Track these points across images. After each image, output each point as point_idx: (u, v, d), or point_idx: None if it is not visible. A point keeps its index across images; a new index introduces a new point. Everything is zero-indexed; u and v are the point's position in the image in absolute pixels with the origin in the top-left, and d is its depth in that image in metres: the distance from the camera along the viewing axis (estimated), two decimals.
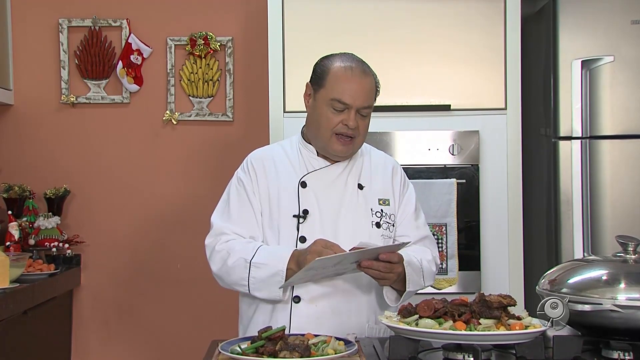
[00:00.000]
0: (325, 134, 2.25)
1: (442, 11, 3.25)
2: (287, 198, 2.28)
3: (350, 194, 2.30)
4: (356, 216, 2.28)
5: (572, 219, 3.15)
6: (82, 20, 3.78)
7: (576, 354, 1.75)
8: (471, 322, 1.74)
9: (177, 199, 3.80)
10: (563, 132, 3.21)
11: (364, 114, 2.25)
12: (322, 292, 2.21)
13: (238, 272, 2.20)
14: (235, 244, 2.24)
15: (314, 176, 2.31)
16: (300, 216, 2.26)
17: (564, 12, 3.20)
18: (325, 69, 2.27)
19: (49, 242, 3.56)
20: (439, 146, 3.21)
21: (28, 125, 3.78)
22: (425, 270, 2.27)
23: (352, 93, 2.22)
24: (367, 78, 2.26)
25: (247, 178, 2.33)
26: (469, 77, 3.25)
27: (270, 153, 2.39)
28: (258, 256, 2.19)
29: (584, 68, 3.16)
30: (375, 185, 2.34)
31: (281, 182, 2.30)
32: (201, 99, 3.79)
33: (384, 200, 2.34)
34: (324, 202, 2.27)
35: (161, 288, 3.79)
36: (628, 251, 1.87)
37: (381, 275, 2.11)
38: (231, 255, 2.22)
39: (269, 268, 2.16)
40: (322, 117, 2.25)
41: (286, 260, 2.15)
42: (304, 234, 2.24)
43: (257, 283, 2.18)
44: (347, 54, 2.32)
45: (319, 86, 2.27)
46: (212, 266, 2.28)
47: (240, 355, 1.76)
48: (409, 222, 2.37)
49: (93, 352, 3.78)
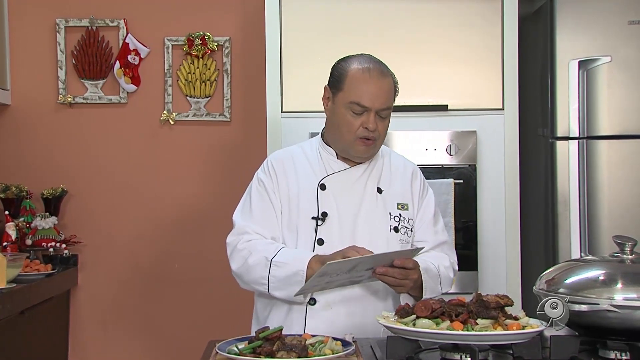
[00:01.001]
0: (346, 137, 2.25)
1: (439, 11, 3.25)
2: (306, 200, 2.28)
3: (369, 197, 2.30)
4: (374, 220, 2.28)
5: (569, 219, 3.16)
6: (79, 20, 3.78)
7: (573, 354, 1.75)
8: (468, 322, 1.74)
9: (175, 199, 3.80)
10: (560, 132, 3.21)
11: (383, 115, 2.24)
12: (338, 295, 2.21)
13: (258, 270, 2.20)
14: (257, 244, 2.25)
15: (333, 179, 2.31)
16: (319, 218, 2.25)
17: (562, 12, 3.21)
18: (343, 72, 2.26)
19: (46, 242, 3.55)
20: (436, 146, 3.22)
21: (25, 125, 3.78)
22: (443, 277, 2.27)
23: (371, 95, 2.21)
24: (386, 79, 2.25)
25: (268, 179, 2.33)
26: (466, 77, 3.26)
27: (290, 154, 2.39)
28: (280, 255, 2.19)
29: (582, 68, 3.17)
30: (395, 189, 2.34)
31: (300, 183, 2.30)
32: (199, 99, 3.79)
33: (403, 205, 2.33)
34: (343, 205, 2.27)
35: (158, 288, 3.79)
36: (625, 251, 1.87)
37: (397, 282, 2.10)
38: (253, 254, 2.22)
39: (289, 267, 2.15)
40: (342, 120, 2.24)
41: (307, 260, 2.14)
42: (321, 236, 2.24)
43: (276, 282, 2.17)
44: (365, 55, 2.30)
45: (337, 89, 2.26)
46: (232, 264, 2.28)
47: (238, 355, 1.75)
48: (427, 227, 2.36)
49: (90, 353, 3.78)
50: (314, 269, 2.11)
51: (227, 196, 3.78)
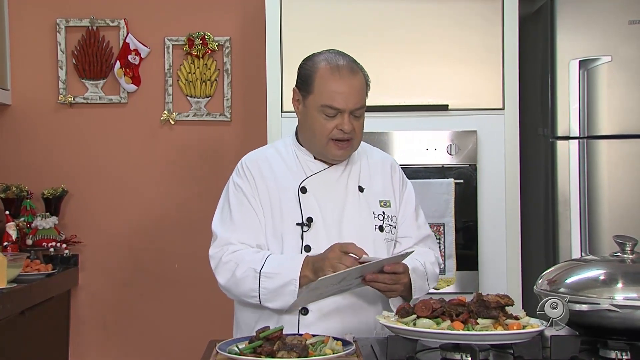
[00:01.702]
0: (321, 140, 2.17)
1: (439, 11, 3.25)
2: (288, 204, 2.19)
3: (351, 197, 2.23)
4: (359, 221, 2.21)
5: (569, 218, 3.16)
6: (79, 20, 3.78)
7: (574, 354, 1.75)
8: (469, 322, 1.74)
9: (175, 199, 3.80)
10: (561, 132, 3.21)
11: (357, 114, 2.16)
12: (331, 304, 2.14)
13: (248, 283, 2.12)
14: (243, 254, 2.15)
15: (313, 180, 2.22)
16: (305, 224, 2.17)
17: (562, 12, 3.21)
18: (311, 72, 2.16)
19: (47, 242, 3.55)
20: (436, 146, 3.22)
21: (25, 125, 3.78)
22: (429, 274, 2.23)
23: (344, 96, 2.12)
24: (357, 76, 2.15)
25: (245, 183, 2.23)
26: (466, 77, 3.25)
27: (264, 156, 2.29)
28: (268, 265, 2.10)
29: (582, 68, 3.17)
30: (376, 187, 2.27)
31: (280, 187, 2.21)
32: (199, 99, 3.79)
33: (385, 202, 2.27)
34: (326, 208, 2.20)
35: (159, 288, 3.79)
36: (625, 251, 1.87)
37: (387, 288, 2.06)
38: (240, 266, 2.13)
39: (280, 277, 2.08)
40: (316, 124, 2.16)
41: (299, 268, 2.07)
42: (308, 242, 2.17)
43: (268, 294, 2.10)
44: (331, 52, 2.20)
45: (306, 92, 2.17)
46: (218, 278, 2.18)
47: (238, 355, 1.75)
48: (410, 222, 2.31)
49: (90, 352, 3.78)
50: (307, 275, 2.06)
51: None
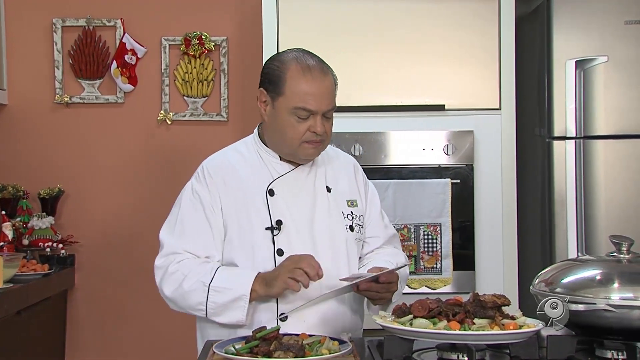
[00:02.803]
0: (292, 143, 2.10)
1: (436, 11, 3.25)
2: (255, 209, 2.12)
3: (320, 198, 2.18)
4: (330, 221, 2.17)
5: (566, 218, 3.16)
6: (76, 20, 3.77)
7: (570, 354, 1.75)
8: (465, 322, 1.74)
9: (172, 199, 3.77)
10: (557, 132, 3.22)
11: (328, 116, 2.10)
12: (309, 308, 2.09)
13: (195, 296, 2.06)
14: (191, 265, 2.08)
15: (280, 182, 2.16)
16: (274, 228, 2.10)
17: (558, 12, 3.21)
18: (281, 74, 2.09)
19: (43, 242, 3.55)
20: (433, 146, 3.22)
21: (22, 125, 3.77)
22: (402, 276, 2.20)
23: (316, 98, 2.06)
24: (327, 77, 2.10)
25: (204, 190, 2.15)
26: (463, 77, 3.26)
27: (227, 160, 2.21)
28: (217, 279, 2.04)
29: (578, 68, 3.17)
30: (342, 187, 2.24)
31: (246, 193, 2.14)
32: (196, 99, 3.79)
33: (352, 202, 2.23)
34: (296, 210, 2.14)
35: (155, 288, 3.74)
36: (622, 251, 1.88)
37: (379, 296, 2.06)
38: (187, 278, 2.06)
39: (230, 292, 2.03)
40: (287, 126, 2.09)
41: (249, 283, 2.02)
42: (280, 246, 2.10)
43: (216, 308, 2.04)
44: (299, 51, 2.14)
45: (276, 93, 2.10)
46: (164, 289, 2.11)
47: (235, 355, 1.75)
48: (376, 222, 2.29)
49: (87, 353, 3.77)
50: (257, 291, 2.02)
51: None
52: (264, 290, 2.02)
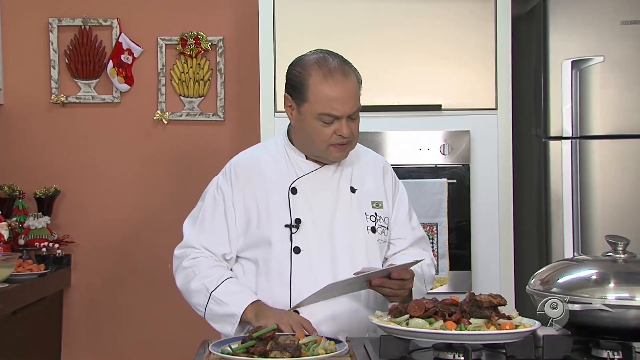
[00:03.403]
0: (320, 146, 2.13)
1: (433, 11, 3.25)
2: (276, 207, 2.15)
3: (343, 198, 2.20)
4: (351, 222, 2.18)
5: (562, 218, 3.16)
6: (72, 19, 3.77)
7: (566, 354, 1.76)
8: (461, 322, 1.74)
9: (168, 199, 3.79)
10: (553, 132, 3.22)
11: (354, 117, 2.12)
12: (322, 306, 2.12)
13: (197, 298, 2.15)
14: (202, 265, 2.16)
15: (304, 181, 2.18)
16: (293, 226, 2.14)
17: (555, 12, 3.21)
18: (303, 80, 2.11)
19: (39, 242, 3.54)
20: (429, 146, 3.22)
21: (18, 125, 3.77)
22: (426, 276, 2.23)
23: (340, 102, 2.08)
24: (350, 78, 2.11)
25: (228, 188, 2.20)
26: (459, 77, 3.26)
27: (255, 158, 2.25)
28: (220, 290, 2.11)
29: (574, 68, 3.17)
30: (367, 187, 2.25)
31: (269, 189, 2.18)
32: (192, 99, 3.78)
33: (377, 203, 2.24)
34: (317, 209, 2.17)
35: (152, 288, 3.78)
36: (617, 251, 1.88)
37: (393, 293, 2.06)
38: (196, 278, 2.15)
39: (226, 307, 2.09)
40: (313, 131, 2.11)
41: (244, 305, 2.07)
42: (297, 244, 2.14)
43: (212, 315, 2.13)
44: (320, 53, 2.15)
45: (300, 100, 2.12)
46: (176, 280, 2.21)
47: (231, 355, 1.75)
48: (403, 223, 2.29)
49: (83, 353, 3.77)
50: (247, 315, 2.06)
51: None
52: (252, 318, 2.06)
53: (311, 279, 2.11)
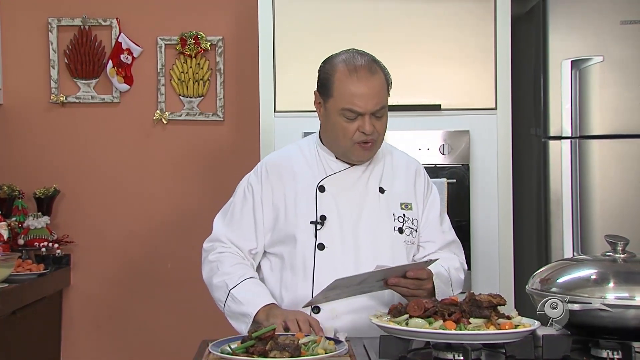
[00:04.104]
0: (344, 143, 2.16)
1: (432, 11, 3.25)
2: (303, 203, 2.19)
3: (371, 198, 2.21)
4: (377, 222, 2.20)
5: (561, 218, 3.16)
6: (71, 19, 3.77)
7: (565, 353, 1.76)
8: (461, 322, 1.75)
9: (167, 199, 3.79)
10: (553, 132, 3.22)
11: (379, 115, 2.13)
12: (343, 303, 2.14)
13: (218, 293, 2.21)
14: (226, 261, 2.21)
15: (332, 180, 2.22)
16: (318, 222, 2.17)
17: (554, 12, 3.21)
18: (329, 76, 2.15)
19: (39, 242, 3.54)
20: (429, 146, 3.22)
21: (17, 125, 3.77)
22: (454, 280, 2.22)
23: (362, 99, 2.10)
24: (375, 76, 2.13)
25: (258, 185, 2.25)
26: (459, 77, 3.26)
27: (287, 157, 2.29)
28: (239, 289, 2.15)
29: (574, 68, 3.17)
30: (397, 189, 2.26)
31: (298, 187, 2.21)
32: (191, 99, 3.78)
33: (407, 205, 2.25)
34: (344, 207, 2.19)
35: (151, 288, 3.78)
36: (617, 250, 1.88)
37: (409, 293, 2.05)
38: (218, 274, 2.20)
39: (241, 307, 2.13)
40: (337, 127, 2.15)
41: (258, 307, 2.10)
42: (322, 241, 2.17)
43: (230, 312, 2.18)
44: (350, 52, 2.19)
45: (326, 95, 2.16)
46: (202, 271, 2.28)
47: (231, 355, 1.75)
48: (433, 227, 2.29)
49: (83, 353, 3.77)
50: (260, 317, 2.09)
51: (219, 195, 3.75)
52: (264, 319, 2.09)
53: (334, 275, 2.11)
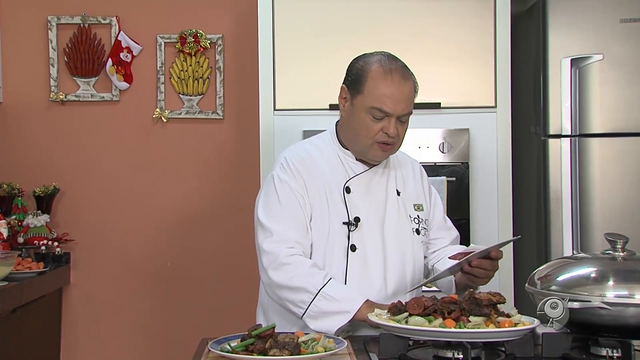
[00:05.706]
0: (365, 141, 2.17)
1: (432, 9, 3.25)
2: (334, 203, 2.19)
3: (391, 200, 2.26)
4: (399, 224, 2.24)
5: (561, 216, 3.17)
6: (71, 17, 3.76)
7: (565, 351, 1.76)
8: (461, 320, 1.75)
9: (167, 197, 3.79)
10: (553, 130, 3.22)
11: (403, 120, 2.17)
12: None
13: (300, 295, 2.09)
14: (303, 264, 2.12)
15: (356, 181, 2.23)
16: (351, 224, 2.18)
17: (554, 10, 3.21)
18: (363, 73, 2.16)
19: (38, 241, 3.54)
20: (429, 144, 3.22)
21: (17, 123, 3.77)
22: None
23: (394, 101, 2.12)
24: (407, 82, 2.16)
25: (292, 179, 2.20)
26: (459, 75, 3.26)
27: (308, 153, 2.26)
28: (330, 287, 2.08)
29: (574, 66, 3.17)
30: (410, 191, 2.31)
31: (326, 185, 2.20)
32: (191, 97, 3.78)
33: (419, 206, 2.31)
34: (369, 209, 2.22)
35: (151, 286, 3.78)
36: (617, 249, 1.88)
37: (485, 274, 2.10)
38: (298, 275, 2.10)
39: (338, 304, 2.06)
40: (362, 124, 2.16)
41: (359, 303, 2.06)
42: (354, 242, 2.18)
43: (317, 312, 2.08)
44: (384, 55, 2.20)
45: (356, 91, 2.17)
46: (272, 276, 2.13)
47: (230, 353, 1.75)
48: (441, 224, 2.37)
49: (83, 351, 3.77)
50: (363, 313, 2.03)
51: (219, 194, 3.78)
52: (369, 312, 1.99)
53: (365, 276, 2.16)
